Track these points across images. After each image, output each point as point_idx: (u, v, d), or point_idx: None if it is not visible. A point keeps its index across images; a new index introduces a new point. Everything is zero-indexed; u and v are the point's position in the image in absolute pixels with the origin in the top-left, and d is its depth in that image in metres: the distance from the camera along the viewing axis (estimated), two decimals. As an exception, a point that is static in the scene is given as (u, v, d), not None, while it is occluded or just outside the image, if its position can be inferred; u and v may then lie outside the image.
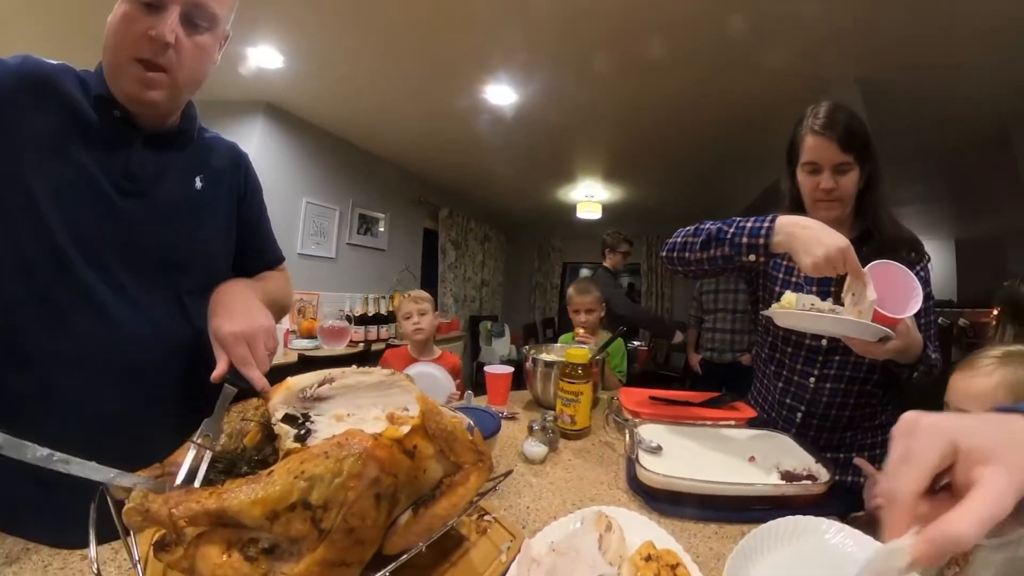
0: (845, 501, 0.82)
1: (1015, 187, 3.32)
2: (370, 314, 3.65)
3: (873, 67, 2.52)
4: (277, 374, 0.65)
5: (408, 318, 1.93)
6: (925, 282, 0.99)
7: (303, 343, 3.16)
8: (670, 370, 5.57)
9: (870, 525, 0.68)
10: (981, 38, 2.22)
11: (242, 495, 0.44)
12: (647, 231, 6.99)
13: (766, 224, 0.88)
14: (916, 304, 0.81)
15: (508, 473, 0.79)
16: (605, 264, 3.23)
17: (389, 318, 3.73)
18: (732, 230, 0.92)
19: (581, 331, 1.89)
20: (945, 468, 0.33)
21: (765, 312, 0.89)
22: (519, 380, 1.52)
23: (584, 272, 7.26)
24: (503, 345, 5.39)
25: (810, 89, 2.60)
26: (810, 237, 0.80)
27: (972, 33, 2.18)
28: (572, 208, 5.71)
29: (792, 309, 0.84)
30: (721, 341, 3.12)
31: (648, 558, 0.57)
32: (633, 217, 6.23)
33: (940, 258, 5.43)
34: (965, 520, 0.30)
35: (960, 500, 0.31)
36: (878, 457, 1.05)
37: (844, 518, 0.71)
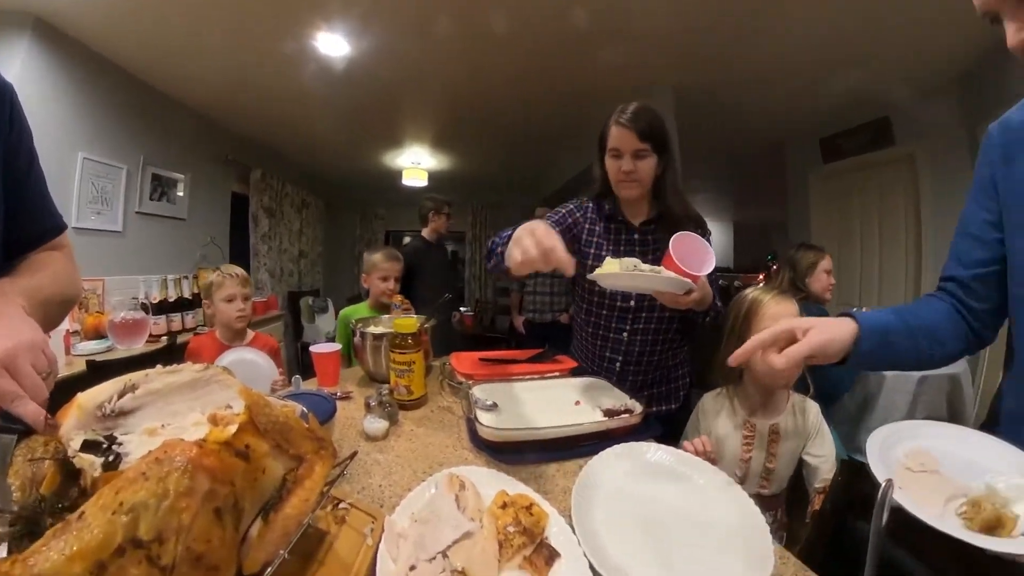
0: (658, 429, 1.01)
1: (780, 188, 4.63)
2: (171, 299, 2.95)
3: (689, 78, 3.07)
4: (64, 392, 0.52)
5: (231, 301, 1.69)
6: None
7: (90, 346, 2.44)
8: (496, 332, 6.00)
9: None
10: (774, 68, 2.89)
11: (53, 554, 0.35)
12: (472, 200, 7.22)
13: (508, 233, 1.02)
14: (711, 265, 1.04)
15: (353, 455, 0.77)
16: (423, 233, 3.19)
17: (195, 302, 3.09)
18: (500, 242, 1.08)
19: (398, 297, 1.86)
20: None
21: (591, 276, 1.02)
22: (350, 355, 1.48)
23: (407, 240, 7.10)
24: (328, 321, 5.01)
25: (635, 89, 2.98)
26: (516, 239, 0.80)
27: (768, 62, 2.81)
28: (398, 174, 5.54)
29: (619, 272, 0.99)
30: (542, 303, 3.44)
31: (504, 505, 0.63)
32: (458, 186, 6.36)
33: (722, 235, 7.54)
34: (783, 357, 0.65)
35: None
36: (679, 379, 1.36)
37: (658, 440, 0.89)
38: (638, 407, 0.97)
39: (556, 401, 1.05)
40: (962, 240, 0.76)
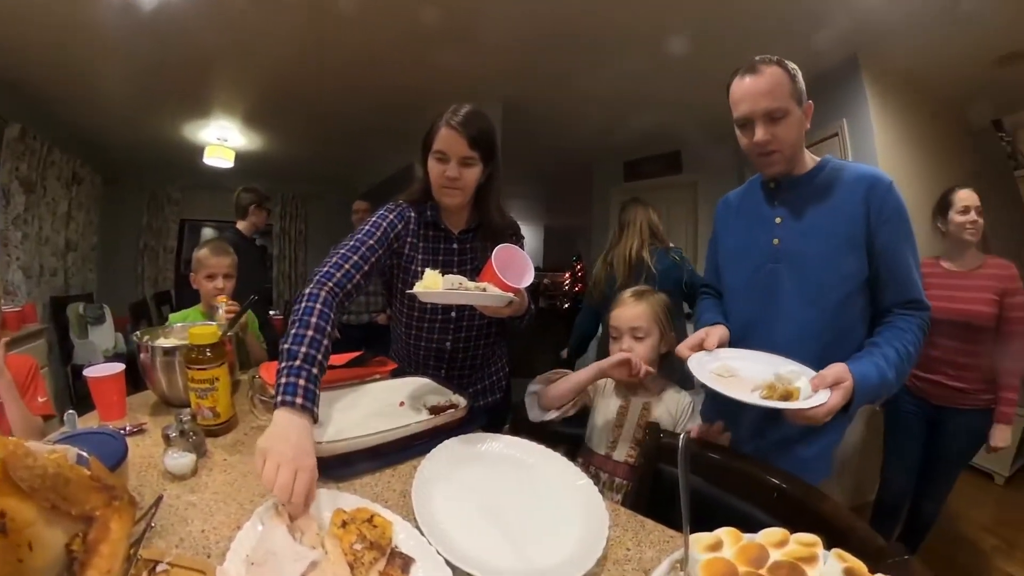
0: (483, 419, 1.10)
1: (587, 199, 5.46)
2: None
3: (519, 93, 3.29)
4: None
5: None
6: None
7: None
8: None
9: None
10: (593, 97, 3.31)
11: None
12: (282, 189, 6.41)
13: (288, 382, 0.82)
14: (530, 277, 1.13)
15: (158, 501, 0.67)
16: (240, 227, 2.87)
17: None
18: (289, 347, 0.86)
19: (223, 297, 1.61)
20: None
21: (414, 292, 1.02)
22: (135, 378, 1.18)
23: (207, 232, 5.99)
24: (105, 335, 3.86)
25: (464, 95, 3.07)
26: (266, 451, 0.70)
27: (588, 91, 3.21)
28: (199, 151, 4.58)
29: (442, 290, 1.01)
30: (358, 304, 3.33)
31: (344, 524, 0.63)
32: (269, 171, 5.58)
33: (533, 237, 8.40)
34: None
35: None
36: (499, 371, 1.44)
37: (485, 429, 0.97)
38: (462, 401, 1.03)
39: (380, 405, 1.06)
40: (709, 264, 1.30)
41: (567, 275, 7.78)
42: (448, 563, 0.60)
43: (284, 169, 5.67)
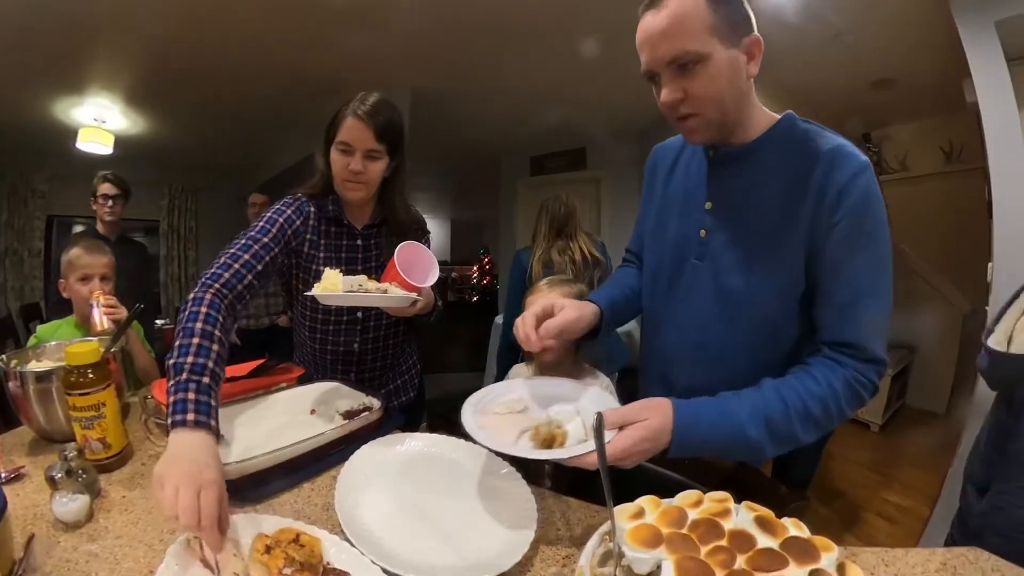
0: (400, 419, 1.08)
1: (494, 192, 5.56)
2: None
3: (428, 83, 3.23)
4: None
5: None
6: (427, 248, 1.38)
7: None
8: None
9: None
10: (503, 91, 3.37)
11: None
12: (170, 180, 5.61)
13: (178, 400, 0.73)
14: (435, 275, 1.12)
15: (30, 542, 0.58)
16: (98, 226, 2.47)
17: None
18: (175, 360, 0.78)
19: (99, 293, 1.39)
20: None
21: (312, 294, 0.97)
22: (5, 414, 1.02)
23: (76, 229, 5.04)
24: None
25: (372, 82, 3.02)
26: (163, 477, 0.63)
27: (499, 86, 3.26)
28: (72, 134, 3.88)
29: (342, 292, 0.98)
30: (256, 307, 3.08)
31: (268, 549, 0.60)
32: (154, 159, 4.90)
33: (441, 230, 8.38)
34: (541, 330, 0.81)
35: None
36: (411, 369, 1.42)
37: (402, 429, 0.96)
38: (376, 403, 1.01)
39: (290, 415, 1.01)
40: (636, 227, 1.11)
41: (475, 268, 7.91)
42: (385, 572, 0.59)
43: (172, 157, 4.98)
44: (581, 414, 0.74)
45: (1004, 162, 1.97)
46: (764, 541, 0.49)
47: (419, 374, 1.45)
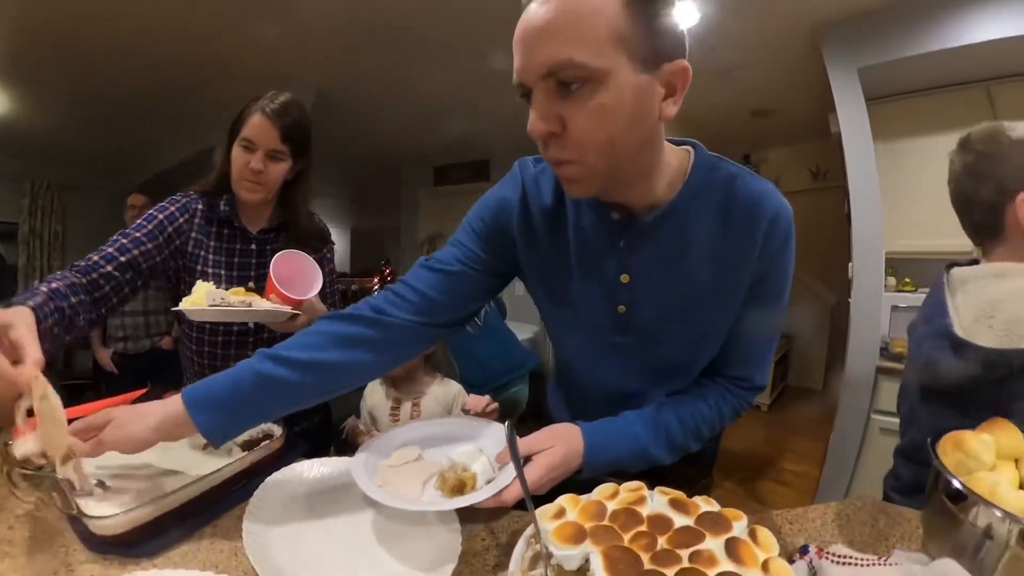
0: (304, 445, 1.00)
1: (396, 201, 5.52)
2: None
3: (331, 83, 3.12)
4: None
5: None
6: (330, 261, 1.29)
7: None
8: (77, 378, 4.24)
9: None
10: (410, 98, 3.32)
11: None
12: (32, 174, 4.64)
13: None
14: (317, 286, 1.07)
15: None
16: None
17: None
18: None
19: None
20: None
21: (177, 309, 0.91)
22: None
23: None
24: None
25: (275, 79, 2.85)
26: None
27: (405, 93, 3.22)
28: None
29: (204, 307, 0.91)
30: (134, 327, 2.72)
31: None
32: (14, 151, 4.10)
33: (341, 240, 8.13)
34: None
35: None
36: None
37: (308, 456, 0.89)
38: (277, 430, 0.93)
39: (180, 452, 0.89)
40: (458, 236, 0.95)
41: (376, 280, 7.56)
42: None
43: (36, 148, 4.19)
44: (484, 452, 0.73)
45: (860, 182, 2.47)
46: (680, 520, 0.53)
47: None
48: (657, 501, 0.57)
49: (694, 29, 2.40)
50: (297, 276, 1.01)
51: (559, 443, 0.67)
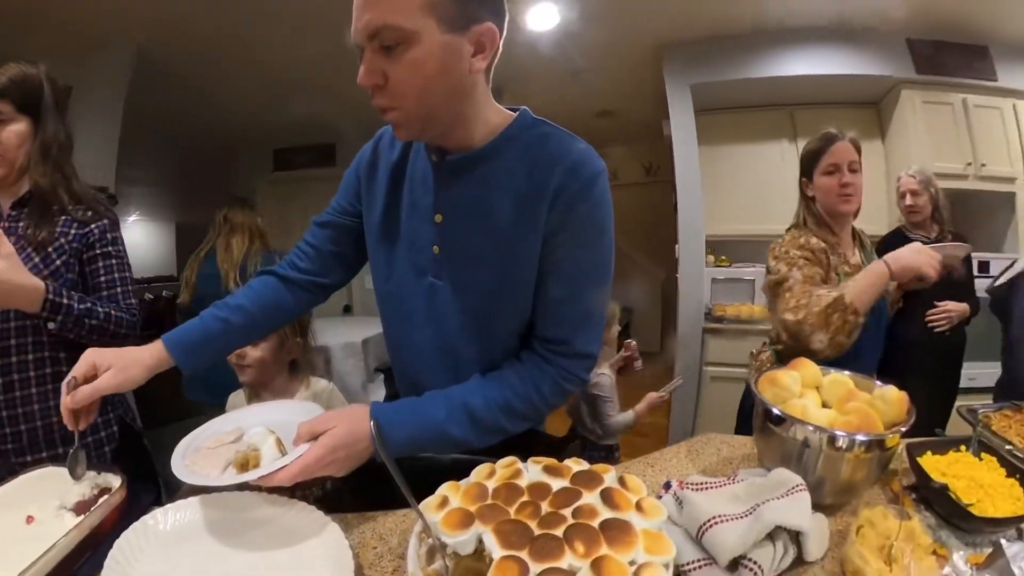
0: (152, 489, 0.91)
1: (229, 191, 4.73)
2: None
3: (159, 43, 2.64)
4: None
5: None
6: (113, 242, 1.09)
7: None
8: None
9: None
10: (247, 68, 2.93)
11: None
12: None
13: None
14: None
15: None
16: None
17: None
18: None
19: None
20: None
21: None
22: None
23: None
24: None
25: (81, 31, 2.46)
26: None
27: (242, 62, 2.83)
28: None
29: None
30: None
31: None
32: None
33: (163, 237, 6.54)
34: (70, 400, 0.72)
35: None
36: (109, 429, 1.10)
37: (159, 503, 0.75)
38: (115, 480, 0.76)
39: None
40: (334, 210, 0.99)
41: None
42: None
43: None
44: (278, 431, 0.71)
45: (686, 178, 3.02)
46: (557, 484, 0.58)
47: (124, 421, 1.11)
48: (533, 471, 0.61)
49: (553, 32, 2.65)
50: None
51: (341, 423, 0.67)
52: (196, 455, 0.70)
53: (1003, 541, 0.48)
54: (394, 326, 0.87)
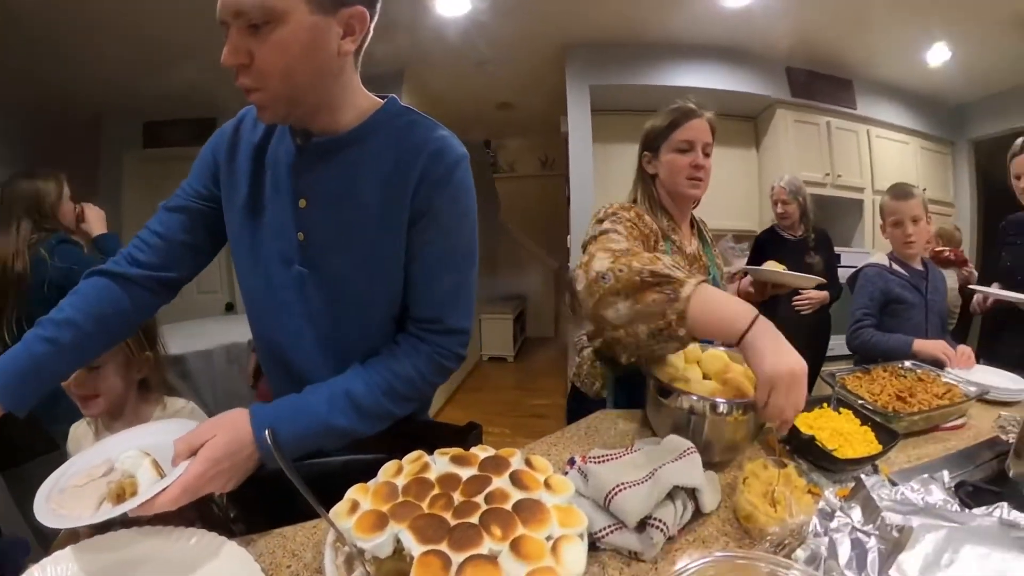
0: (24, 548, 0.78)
1: (91, 169, 4.07)
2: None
3: None
4: None
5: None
6: None
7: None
8: None
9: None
10: (123, 24, 2.52)
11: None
12: None
13: None
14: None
15: None
16: None
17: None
18: None
19: None
20: None
21: None
22: None
23: None
24: None
25: None
26: None
27: (118, 15, 2.43)
28: None
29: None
30: None
31: None
32: None
33: None
34: None
35: None
36: None
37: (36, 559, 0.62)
38: None
39: None
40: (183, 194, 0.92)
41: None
42: None
43: None
44: (153, 453, 0.65)
45: (579, 173, 3.22)
46: (466, 472, 0.58)
47: None
48: (440, 463, 0.60)
49: (462, 20, 2.61)
50: None
51: (221, 432, 0.63)
52: (62, 496, 0.60)
53: (863, 476, 0.57)
54: (267, 321, 0.82)
